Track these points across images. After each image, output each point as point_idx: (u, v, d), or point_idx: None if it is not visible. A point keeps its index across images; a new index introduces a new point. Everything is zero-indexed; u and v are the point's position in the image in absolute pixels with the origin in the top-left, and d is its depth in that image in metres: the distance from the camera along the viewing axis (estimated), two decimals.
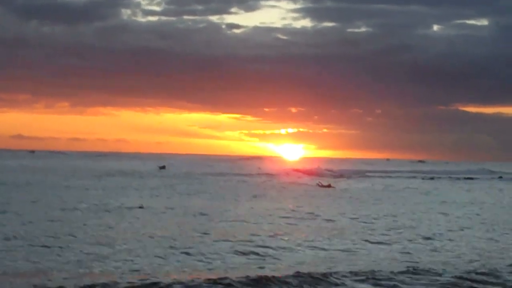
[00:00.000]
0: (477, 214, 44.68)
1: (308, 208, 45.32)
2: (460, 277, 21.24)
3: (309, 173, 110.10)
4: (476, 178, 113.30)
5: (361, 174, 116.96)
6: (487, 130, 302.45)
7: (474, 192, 73.11)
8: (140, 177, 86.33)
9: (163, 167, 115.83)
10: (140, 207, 42.38)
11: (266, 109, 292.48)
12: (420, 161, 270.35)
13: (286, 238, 29.84)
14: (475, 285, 20.57)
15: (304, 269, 21.59)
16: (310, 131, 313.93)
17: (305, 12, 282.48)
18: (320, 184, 78.96)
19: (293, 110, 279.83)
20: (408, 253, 26.67)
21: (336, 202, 52.42)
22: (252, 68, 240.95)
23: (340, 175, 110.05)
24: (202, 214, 39.48)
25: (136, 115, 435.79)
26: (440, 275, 21.62)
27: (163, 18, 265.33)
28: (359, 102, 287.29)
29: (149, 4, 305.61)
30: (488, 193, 70.73)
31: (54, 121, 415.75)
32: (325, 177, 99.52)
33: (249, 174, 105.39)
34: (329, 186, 77.24)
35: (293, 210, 43.86)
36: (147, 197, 52.23)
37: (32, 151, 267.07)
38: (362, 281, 20.35)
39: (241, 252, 25.46)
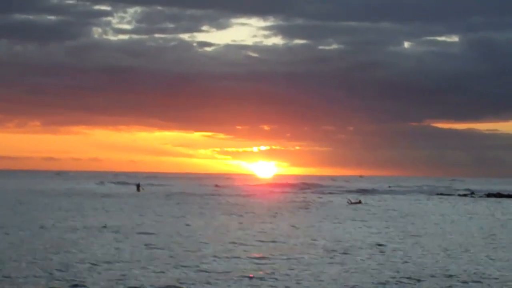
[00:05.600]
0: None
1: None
2: None
3: None
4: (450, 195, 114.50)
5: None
6: (459, 146, 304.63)
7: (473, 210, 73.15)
8: (115, 197, 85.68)
9: (138, 187, 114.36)
10: (104, 227, 41.92)
11: (239, 127, 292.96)
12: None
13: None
14: None
15: None
16: (283, 148, 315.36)
17: (276, 29, 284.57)
18: (350, 202, 77.25)
19: (266, 127, 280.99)
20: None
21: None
22: (223, 85, 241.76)
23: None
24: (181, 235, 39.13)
25: (109, 134, 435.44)
26: None
27: (134, 36, 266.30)
28: (331, 119, 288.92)
29: (120, 22, 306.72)
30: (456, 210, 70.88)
31: (26, 140, 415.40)
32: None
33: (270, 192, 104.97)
34: (359, 202, 75.59)
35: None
36: (115, 217, 51.72)
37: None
38: None
39: None
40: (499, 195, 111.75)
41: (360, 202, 75.89)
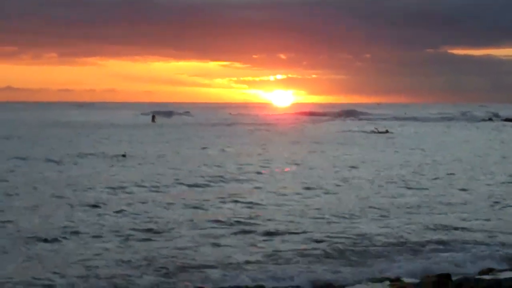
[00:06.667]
0: None
1: None
2: None
3: None
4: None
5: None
6: (476, 72, 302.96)
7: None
8: (131, 127, 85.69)
9: (153, 117, 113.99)
10: (123, 155, 41.92)
11: (255, 56, 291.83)
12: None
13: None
14: None
15: None
16: (300, 77, 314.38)
17: None
18: (376, 130, 74.19)
19: (282, 56, 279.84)
20: None
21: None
22: (240, 14, 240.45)
23: None
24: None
25: (125, 65, 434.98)
26: None
27: None
28: (348, 47, 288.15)
29: None
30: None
31: (42, 72, 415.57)
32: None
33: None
34: (386, 132, 72.19)
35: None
36: (132, 146, 51.73)
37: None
38: None
39: None
40: None
41: (387, 131, 72.82)
